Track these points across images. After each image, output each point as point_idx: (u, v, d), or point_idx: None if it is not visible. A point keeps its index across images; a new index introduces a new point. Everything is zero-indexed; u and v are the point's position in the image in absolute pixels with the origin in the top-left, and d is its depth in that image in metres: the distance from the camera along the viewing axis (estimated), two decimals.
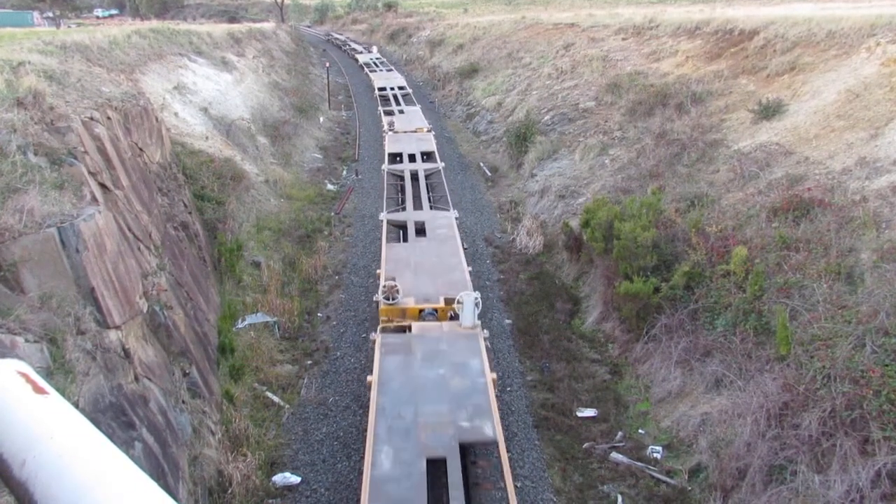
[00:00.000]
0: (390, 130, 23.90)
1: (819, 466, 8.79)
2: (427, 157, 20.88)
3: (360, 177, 26.87)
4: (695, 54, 23.17)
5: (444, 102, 39.83)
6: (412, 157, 20.39)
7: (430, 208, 16.52)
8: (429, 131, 24.23)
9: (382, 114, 28.51)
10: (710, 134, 17.36)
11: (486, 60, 39.15)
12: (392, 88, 33.99)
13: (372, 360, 10.12)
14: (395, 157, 20.57)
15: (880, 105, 13.96)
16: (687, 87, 20.39)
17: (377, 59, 48.62)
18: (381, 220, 15.42)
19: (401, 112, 28.14)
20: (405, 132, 23.77)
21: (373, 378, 9.38)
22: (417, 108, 29.50)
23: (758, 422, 9.80)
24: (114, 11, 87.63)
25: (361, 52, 55.51)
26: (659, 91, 21.27)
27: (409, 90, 34.20)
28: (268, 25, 57.31)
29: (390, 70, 42.91)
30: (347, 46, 62.87)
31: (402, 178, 18.44)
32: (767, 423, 9.68)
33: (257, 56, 39.00)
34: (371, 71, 42.92)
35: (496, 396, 9.24)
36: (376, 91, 34.29)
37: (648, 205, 14.69)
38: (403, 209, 16.35)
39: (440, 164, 19.81)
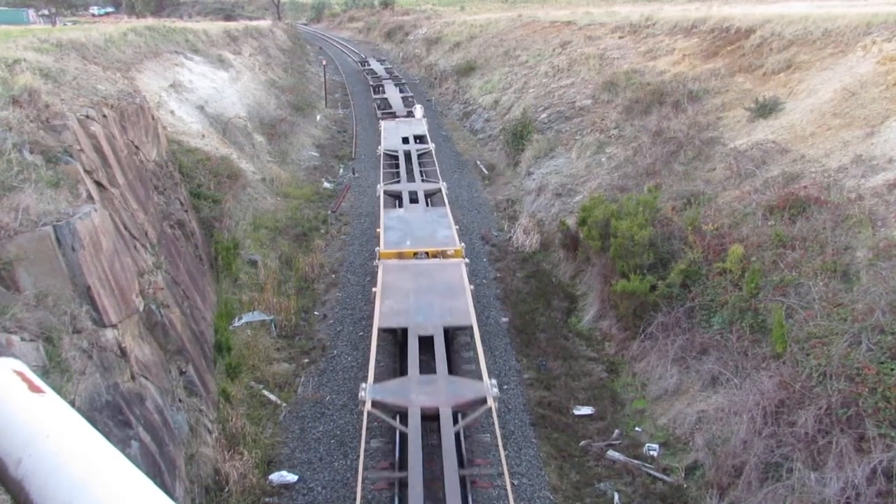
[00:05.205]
0: None
1: (815, 464, 8.82)
2: None
3: (356, 175, 26.83)
4: (691, 52, 23.19)
5: (440, 100, 39.80)
6: None
7: None
8: None
9: None
10: (707, 132, 17.38)
11: (483, 58, 39.10)
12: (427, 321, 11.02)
13: None
14: None
15: (876, 103, 13.98)
16: (683, 85, 20.40)
17: (416, 141, 21.74)
18: None
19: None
20: None
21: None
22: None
23: (754, 419, 9.83)
24: (109, 9, 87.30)
25: (393, 115, 28.26)
26: (655, 89, 21.27)
27: (473, 323, 10.93)
28: (264, 23, 57.16)
29: (433, 197, 17.33)
30: (380, 92, 35.34)
31: None
32: (763, 421, 9.71)
33: (254, 54, 38.90)
34: (392, 207, 16.25)
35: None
36: (375, 326, 10.92)
37: (645, 203, 14.71)
38: None
39: None
